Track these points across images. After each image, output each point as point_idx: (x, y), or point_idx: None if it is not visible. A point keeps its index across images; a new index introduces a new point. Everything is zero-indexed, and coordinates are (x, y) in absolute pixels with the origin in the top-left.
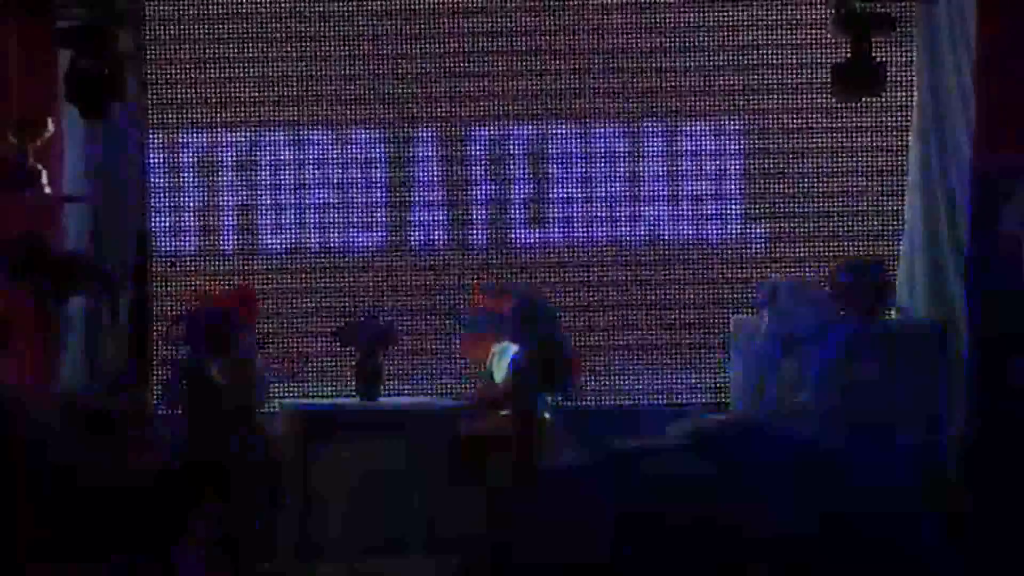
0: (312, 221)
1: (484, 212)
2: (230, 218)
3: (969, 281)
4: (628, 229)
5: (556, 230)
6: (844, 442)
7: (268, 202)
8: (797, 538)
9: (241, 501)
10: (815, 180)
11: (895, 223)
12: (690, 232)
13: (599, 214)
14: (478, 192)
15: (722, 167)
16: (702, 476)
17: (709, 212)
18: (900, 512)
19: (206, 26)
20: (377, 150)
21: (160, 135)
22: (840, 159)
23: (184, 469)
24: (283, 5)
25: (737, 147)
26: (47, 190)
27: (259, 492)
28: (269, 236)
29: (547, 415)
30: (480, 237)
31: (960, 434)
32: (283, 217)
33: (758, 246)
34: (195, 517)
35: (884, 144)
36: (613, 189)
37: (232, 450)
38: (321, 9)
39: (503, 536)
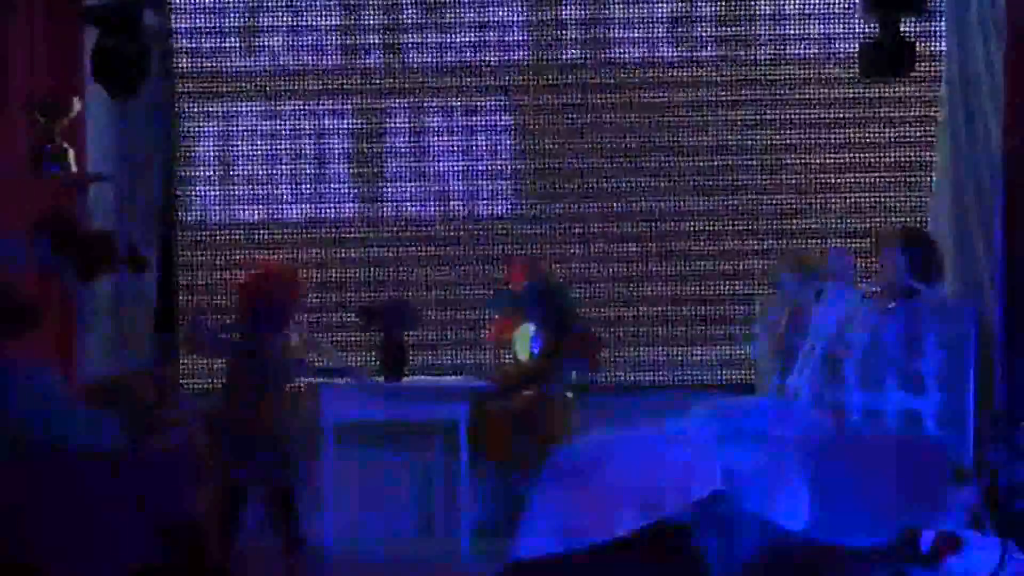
0: (336, 193)
1: (516, 184)
2: (254, 192)
3: (999, 264)
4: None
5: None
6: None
7: (293, 175)
8: None
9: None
10: (842, 159)
11: (922, 203)
12: (716, 206)
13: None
14: (506, 165)
15: (751, 149)
16: None
17: (736, 188)
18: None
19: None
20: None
21: (186, 111)
22: (868, 138)
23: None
24: None
25: (764, 128)
26: (74, 169)
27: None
28: (292, 209)
29: (568, 394)
30: (507, 209)
31: (990, 415)
32: (307, 189)
33: (783, 225)
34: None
35: (912, 124)
36: (638, 165)
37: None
38: None
39: None
